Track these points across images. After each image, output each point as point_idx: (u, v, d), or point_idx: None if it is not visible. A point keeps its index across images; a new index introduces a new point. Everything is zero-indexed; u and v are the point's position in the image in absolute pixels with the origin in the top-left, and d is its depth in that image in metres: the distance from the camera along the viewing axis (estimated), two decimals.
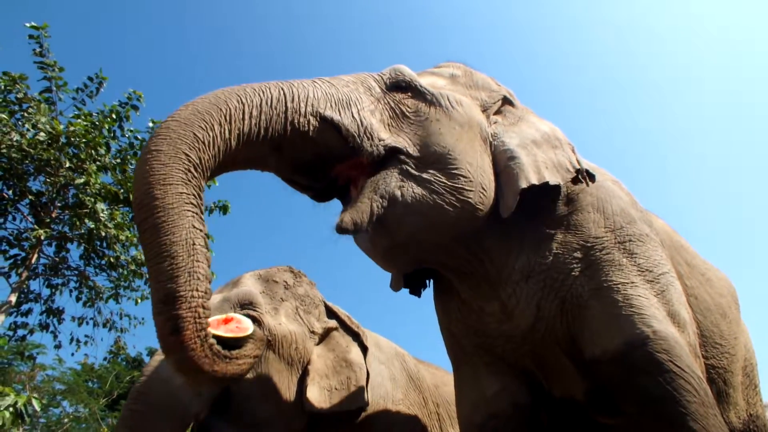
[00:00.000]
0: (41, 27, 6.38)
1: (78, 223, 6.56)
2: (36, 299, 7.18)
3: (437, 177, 1.72)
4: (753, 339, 2.77)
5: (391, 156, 1.71)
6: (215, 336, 1.24)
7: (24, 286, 6.69)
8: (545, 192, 1.91)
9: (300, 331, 2.55)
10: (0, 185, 6.43)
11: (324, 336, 2.70)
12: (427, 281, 2.32)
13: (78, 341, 7.55)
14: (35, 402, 4.57)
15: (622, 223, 1.98)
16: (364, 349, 2.74)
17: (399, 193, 1.66)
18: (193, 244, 1.19)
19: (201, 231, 1.22)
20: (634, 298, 1.78)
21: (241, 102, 1.42)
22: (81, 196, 6.41)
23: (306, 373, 2.50)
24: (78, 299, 7.35)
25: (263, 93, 1.48)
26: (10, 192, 6.53)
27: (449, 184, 1.73)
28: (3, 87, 6.18)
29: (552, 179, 1.86)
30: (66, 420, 12.98)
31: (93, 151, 6.49)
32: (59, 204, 6.76)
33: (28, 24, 6.35)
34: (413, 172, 1.71)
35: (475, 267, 1.95)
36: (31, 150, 6.08)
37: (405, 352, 3.24)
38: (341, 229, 1.57)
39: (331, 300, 2.92)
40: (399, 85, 1.86)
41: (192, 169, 1.26)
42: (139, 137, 7.06)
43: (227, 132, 1.36)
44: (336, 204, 1.82)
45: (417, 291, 2.31)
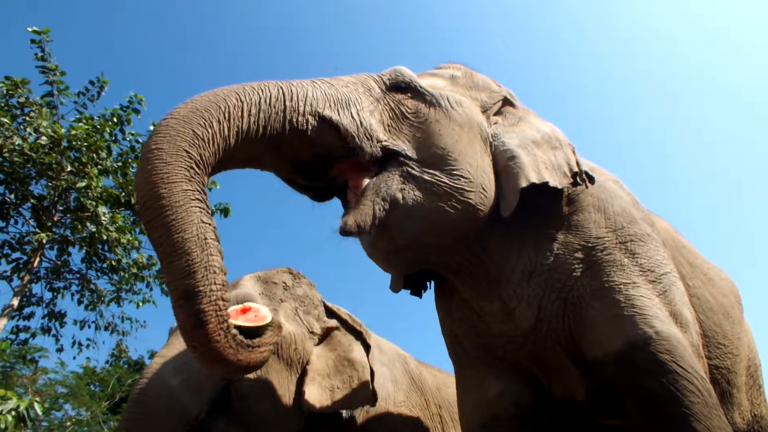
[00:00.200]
0: (43, 32, 6.40)
1: (80, 227, 6.58)
2: (38, 303, 7.21)
3: (438, 178, 1.72)
4: (756, 339, 2.76)
5: (391, 157, 1.71)
6: (236, 326, 1.26)
7: (26, 289, 6.71)
8: (546, 192, 1.91)
9: (299, 332, 2.54)
10: (2, 189, 6.46)
11: (324, 336, 2.69)
12: (428, 282, 2.32)
13: (80, 344, 7.60)
14: (37, 405, 4.58)
15: (623, 223, 1.97)
16: (366, 347, 2.73)
17: (400, 196, 1.66)
18: (205, 238, 1.20)
19: (210, 225, 1.24)
20: (636, 298, 1.77)
21: (240, 100, 1.41)
22: (82, 199, 6.43)
23: (305, 374, 2.49)
24: (80, 302, 7.38)
25: (262, 91, 1.48)
26: (12, 196, 6.55)
27: (450, 185, 1.72)
28: (5, 91, 6.21)
29: (551, 180, 1.86)
30: (68, 423, 12.98)
31: (94, 155, 6.52)
32: (61, 207, 6.78)
33: (30, 29, 6.37)
34: (414, 173, 1.71)
35: (477, 268, 1.95)
36: (33, 154, 6.10)
37: (407, 354, 3.23)
38: (344, 232, 1.57)
39: (332, 301, 2.91)
40: (399, 86, 1.85)
41: (194, 166, 1.26)
42: (141, 140, 7.07)
43: (226, 129, 1.36)
44: (335, 204, 1.82)
45: (418, 292, 2.30)
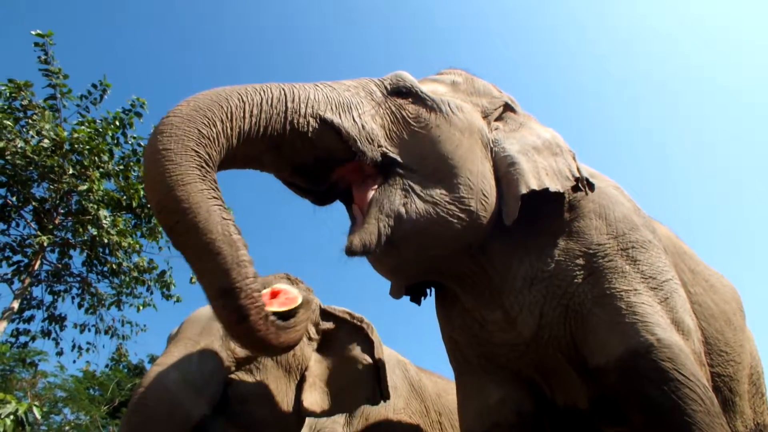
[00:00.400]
0: (46, 35, 6.43)
1: (81, 230, 6.58)
2: (38, 306, 7.20)
3: (438, 188, 1.72)
4: (758, 345, 2.74)
5: (391, 165, 1.71)
6: (273, 312, 1.32)
7: (27, 292, 6.70)
8: (547, 198, 1.90)
9: None
10: (4, 192, 6.47)
11: (322, 340, 2.68)
12: (428, 289, 2.31)
13: (80, 348, 7.59)
14: (36, 410, 4.57)
15: (624, 230, 1.96)
16: (369, 343, 2.66)
17: (404, 210, 1.65)
18: (230, 234, 1.21)
19: (230, 220, 1.24)
20: (637, 305, 1.76)
21: (242, 100, 1.41)
22: (84, 202, 6.44)
23: (303, 379, 2.48)
24: (80, 306, 7.38)
25: (264, 92, 1.48)
26: (13, 198, 6.57)
27: (450, 194, 1.72)
28: (8, 94, 6.23)
29: (552, 186, 1.85)
30: (67, 428, 12.96)
31: (96, 158, 6.53)
32: (62, 211, 6.79)
33: (33, 32, 6.40)
34: (415, 185, 1.70)
35: (480, 277, 1.94)
36: (35, 157, 6.12)
37: (406, 360, 3.22)
38: (351, 252, 1.56)
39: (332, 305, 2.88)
40: (400, 91, 1.84)
41: (204, 164, 1.26)
42: (143, 144, 7.09)
43: (229, 129, 1.36)
44: (336, 207, 1.81)
45: (417, 299, 2.29)
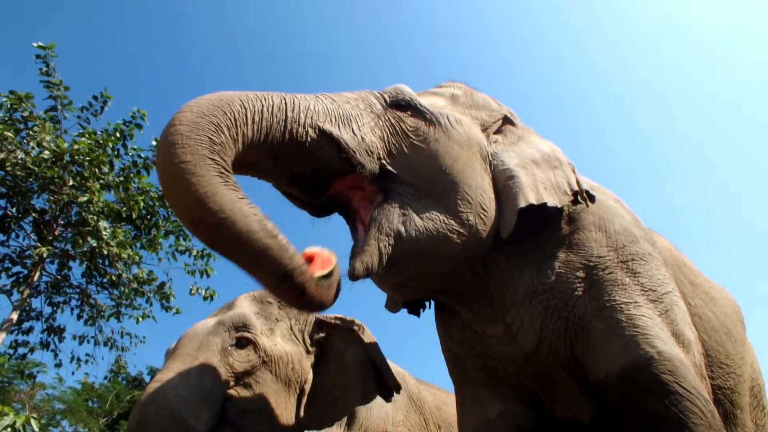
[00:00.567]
0: (48, 47, 6.47)
1: (80, 241, 6.57)
2: (37, 317, 7.17)
3: (436, 203, 1.72)
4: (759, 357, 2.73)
5: (389, 180, 1.71)
6: (320, 277, 1.44)
7: (26, 303, 6.68)
8: (547, 211, 1.90)
9: (296, 351, 2.52)
10: (4, 203, 6.48)
11: (319, 350, 2.64)
12: (427, 302, 2.30)
13: (78, 360, 7.53)
14: (34, 422, 4.52)
15: (624, 242, 1.95)
16: (360, 343, 2.61)
17: (403, 229, 1.64)
18: (267, 226, 1.27)
19: (259, 212, 1.29)
20: (637, 318, 1.76)
21: (243, 107, 1.41)
22: (84, 214, 6.43)
23: (303, 392, 2.47)
24: (79, 317, 7.34)
25: (264, 100, 1.48)
26: (13, 209, 6.57)
27: (448, 209, 1.72)
28: (9, 106, 6.26)
29: (550, 200, 1.85)
30: None
31: (96, 170, 6.53)
32: (62, 222, 6.79)
33: (35, 44, 6.44)
34: (413, 201, 1.70)
35: (481, 291, 1.93)
36: (36, 168, 6.13)
37: (406, 372, 3.20)
38: (354, 277, 1.56)
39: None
40: (399, 104, 1.84)
41: (223, 170, 1.28)
42: (142, 155, 7.10)
43: (234, 135, 1.37)
44: (334, 219, 1.81)
45: (416, 310, 2.29)
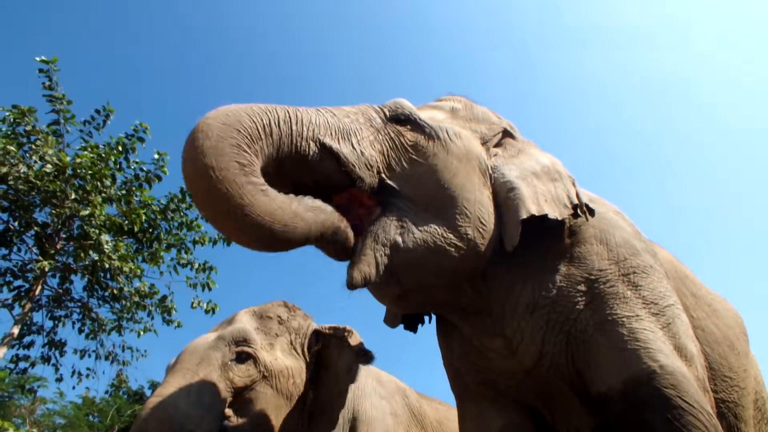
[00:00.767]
0: (51, 61, 6.51)
1: (82, 255, 6.56)
2: (38, 331, 7.13)
3: (434, 217, 1.72)
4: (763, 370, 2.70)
5: (388, 193, 1.72)
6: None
7: (27, 317, 6.66)
8: (547, 224, 1.90)
9: (296, 365, 2.52)
10: (6, 216, 6.48)
11: (317, 361, 2.64)
12: (426, 316, 2.29)
13: (80, 374, 7.48)
14: None
15: (625, 255, 1.95)
16: (349, 349, 2.60)
17: (400, 240, 1.65)
18: (308, 203, 1.50)
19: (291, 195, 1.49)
20: (639, 331, 1.74)
21: (253, 121, 1.46)
22: (86, 227, 6.43)
23: (303, 405, 2.47)
24: (81, 331, 7.30)
25: (270, 113, 1.52)
26: (15, 223, 6.57)
27: (446, 223, 1.73)
28: (12, 120, 6.28)
29: (551, 212, 1.85)
30: None
31: (99, 183, 6.54)
32: (64, 235, 6.78)
33: (38, 58, 6.48)
34: (411, 214, 1.71)
35: (481, 305, 1.93)
36: (38, 182, 6.14)
37: (407, 386, 3.18)
38: (352, 286, 1.58)
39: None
40: (399, 118, 1.86)
41: (261, 187, 1.40)
42: (144, 169, 7.11)
43: (252, 152, 1.42)
44: None
45: (413, 326, 2.27)
